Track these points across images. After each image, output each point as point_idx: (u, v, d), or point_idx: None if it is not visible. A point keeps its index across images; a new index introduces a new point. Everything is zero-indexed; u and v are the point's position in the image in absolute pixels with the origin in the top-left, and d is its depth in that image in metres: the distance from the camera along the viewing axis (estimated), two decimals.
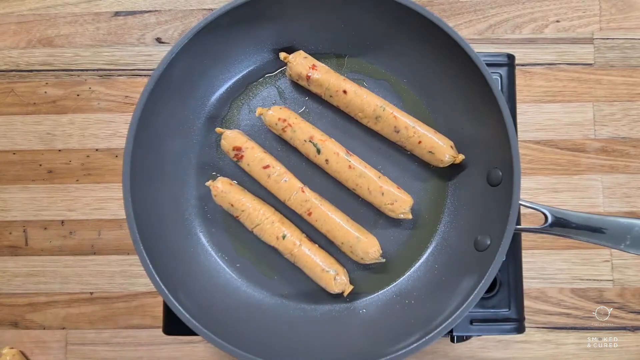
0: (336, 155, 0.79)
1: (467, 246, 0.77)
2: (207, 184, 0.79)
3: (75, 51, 1.16)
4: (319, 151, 0.79)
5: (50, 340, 1.11)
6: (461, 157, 0.79)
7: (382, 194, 0.78)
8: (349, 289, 0.78)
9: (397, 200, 0.78)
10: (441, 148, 0.78)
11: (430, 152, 0.79)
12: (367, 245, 0.77)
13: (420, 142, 0.79)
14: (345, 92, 0.80)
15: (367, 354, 0.71)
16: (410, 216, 0.79)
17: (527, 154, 1.12)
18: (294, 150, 0.83)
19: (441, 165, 0.80)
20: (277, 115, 0.80)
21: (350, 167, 0.79)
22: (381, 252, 0.78)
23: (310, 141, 0.80)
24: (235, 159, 0.80)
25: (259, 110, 0.82)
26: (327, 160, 0.80)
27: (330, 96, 0.81)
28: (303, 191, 0.79)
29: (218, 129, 0.81)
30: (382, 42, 0.84)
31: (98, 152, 1.13)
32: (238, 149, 0.78)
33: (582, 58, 1.14)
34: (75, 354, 1.10)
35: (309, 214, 0.79)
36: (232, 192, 0.79)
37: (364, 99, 0.80)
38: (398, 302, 0.80)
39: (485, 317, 0.84)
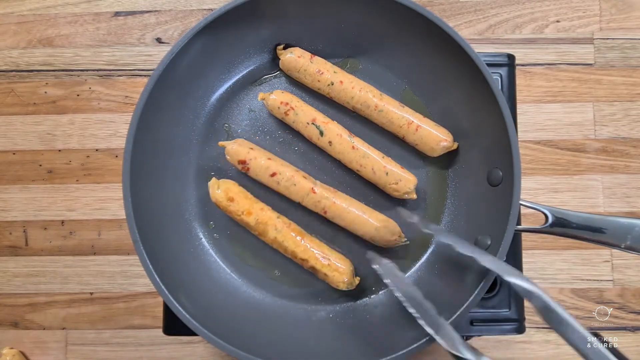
0: (339, 137, 0.80)
1: None
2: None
3: (75, 51, 1.16)
4: (321, 133, 0.80)
5: (50, 341, 1.11)
6: (456, 144, 0.80)
7: (387, 173, 0.79)
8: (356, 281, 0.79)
9: (401, 179, 0.78)
10: (436, 136, 0.80)
11: (425, 137, 0.80)
12: (386, 234, 0.78)
13: (417, 128, 0.80)
14: (341, 82, 0.81)
15: (367, 354, 0.71)
16: (414, 196, 0.79)
17: (528, 154, 1.12)
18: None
19: (435, 154, 0.81)
20: (280, 98, 0.81)
21: (353, 147, 0.79)
22: (402, 235, 0.79)
23: (312, 124, 0.80)
24: (243, 171, 0.80)
25: (261, 95, 0.82)
26: (330, 142, 0.80)
27: (328, 85, 0.81)
28: (314, 192, 0.79)
29: (220, 143, 0.80)
30: (382, 43, 0.84)
31: (98, 152, 1.13)
32: (243, 162, 0.79)
33: (582, 58, 1.14)
34: (75, 354, 1.10)
35: (325, 213, 0.79)
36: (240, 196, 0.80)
37: (362, 89, 0.81)
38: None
39: (486, 317, 0.84)
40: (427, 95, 0.85)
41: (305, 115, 0.80)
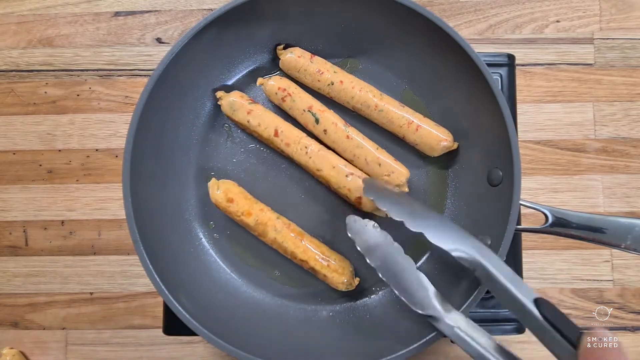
0: (334, 126, 0.80)
1: None
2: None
3: (75, 51, 1.15)
4: (317, 121, 0.80)
5: (50, 340, 1.11)
6: (456, 144, 0.81)
7: (379, 165, 0.79)
8: (356, 282, 0.79)
9: (394, 171, 0.78)
10: (436, 135, 0.80)
11: (425, 136, 0.80)
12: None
13: (417, 128, 0.80)
14: (341, 82, 0.81)
15: (367, 354, 0.71)
16: (406, 189, 0.79)
17: (527, 154, 1.12)
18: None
19: (435, 154, 0.81)
20: (277, 84, 0.81)
21: (348, 137, 0.80)
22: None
23: (309, 111, 0.80)
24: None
25: (259, 80, 0.82)
26: (325, 131, 0.80)
27: (328, 85, 0.82)
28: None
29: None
30: (382, 43, 0.84)
31: (98, 152, 1.13)
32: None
33: (582, 58, 1.14)
34: (75, 354, 1.10)
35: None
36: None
37: (362, 89, 0.81)
38: (399, 302, 0.79)
39: (486, 317, 0.84)
40: (427, 95, 0.85)
41: (302, 102, 0.81)
